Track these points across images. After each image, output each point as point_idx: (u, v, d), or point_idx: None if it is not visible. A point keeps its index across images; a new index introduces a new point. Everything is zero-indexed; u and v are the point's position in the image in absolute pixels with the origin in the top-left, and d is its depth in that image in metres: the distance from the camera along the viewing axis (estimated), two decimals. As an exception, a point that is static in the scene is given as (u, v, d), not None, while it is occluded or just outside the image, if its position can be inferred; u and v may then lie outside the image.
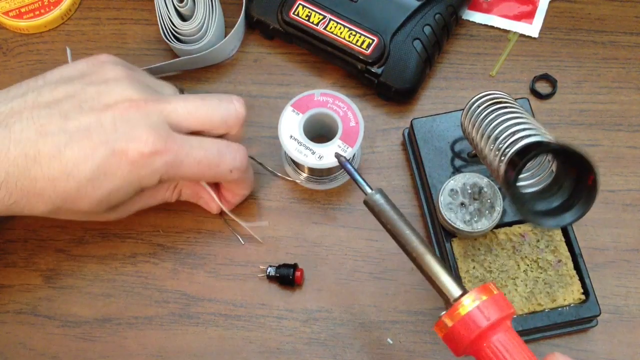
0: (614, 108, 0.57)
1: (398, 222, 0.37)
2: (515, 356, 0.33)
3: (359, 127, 0.50)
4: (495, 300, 0.34)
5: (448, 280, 0.35)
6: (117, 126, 0.43)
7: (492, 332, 0.33)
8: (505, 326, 0.34)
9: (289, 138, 0.50)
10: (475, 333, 0.33)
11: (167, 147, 0.44)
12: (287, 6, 0.56)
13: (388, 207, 0.37)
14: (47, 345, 0.51)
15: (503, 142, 0.42)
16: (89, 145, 0.42)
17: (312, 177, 0.54)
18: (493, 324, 0.33)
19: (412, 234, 0.37)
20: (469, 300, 0.34)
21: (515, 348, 0.33)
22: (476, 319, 0.33)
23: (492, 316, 0.33)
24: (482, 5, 0.60)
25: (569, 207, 0.40)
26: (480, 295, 0.34)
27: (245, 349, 0.51)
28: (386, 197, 0.38)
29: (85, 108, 0.43)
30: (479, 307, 0.33)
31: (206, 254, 0.53)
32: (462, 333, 0.33)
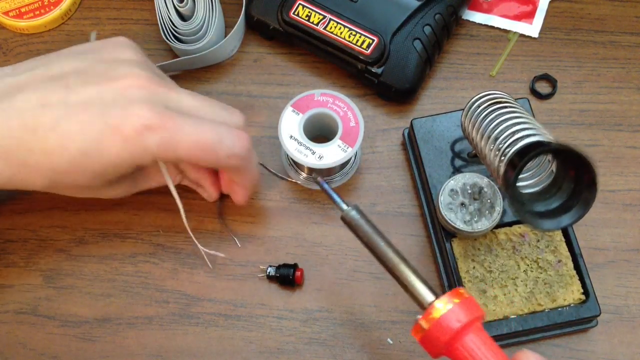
0: (614, 108, 0.57)
1: (373, 235, 0.40)
2: (487, 354, 0.35)
3: (359, 127, 0.50)
4: (465, 303, 0.36)
5: (421, 287, 0.37)
6: (116, 101, 0.42)
7: (464, 332, 0.35)
8: (477, 327, 0.36)
9: (289, 138, 0.50)
10: (449, 334, 0.35)
11: (161, 123, 0.42)
12: (287, 6, 0.56)
13: (363, 222, 0.40)
14: (47, 345, 0.52)
15: (503, 142, 0.42)
16: (85, 119, 0.42)
17: (312, 177, 0.54)
18: (465, 325, 0.35)
19: (386, 246, 0.39)
20: (442, 304, 0.36)
21: (487, 347, 0.35)
22: (449, 321, 0.35)
23: (464, 318, 0.35)
24: (482, 5, 0.60)
25: (568, 209, 0.40)
26: (451, 299, 0.36)
27: (245, 349, 0.51)
28: (361, 213, 0.40)
29: (89, 82, 0.43)
30: (451, 310, 0.35)
31: (206, 254, 0.53)
32: (437, 335, 0.35)
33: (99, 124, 0.42)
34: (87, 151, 0.42)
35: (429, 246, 0.53)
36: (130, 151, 0.43)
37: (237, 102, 0.58)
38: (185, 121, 0.44)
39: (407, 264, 0.39)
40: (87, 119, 0.42)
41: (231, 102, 0.58)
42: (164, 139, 0.43)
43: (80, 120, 0.42)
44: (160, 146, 0.43)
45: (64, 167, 0.43)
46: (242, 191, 0.51)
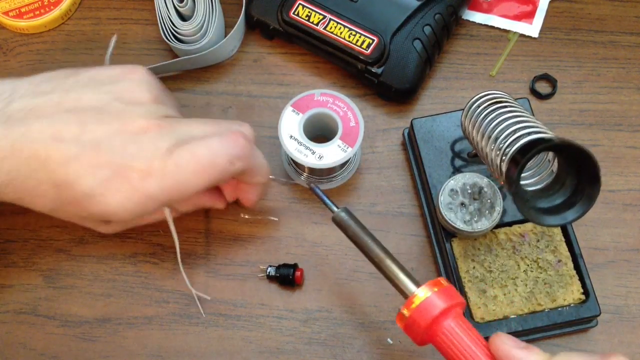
0: (614, 108, 0.57)
1: (361, 234, 0.43)
2: (465, 338, 0.37)
3: (359, 127, 0.50)
4: (445, 291, 0.38)
5: (404, 278, 0.40)
6: (125, 147, 0.43)
7: (443, 318, 0.38)
8: (456, 313, 0.38)
9: (289, 138, 0.50)
10: (429, 319, 0.37)
11: (163, 170, 0.43)
12: (287, 6, 0.56)
13: (352, 222, 0.44)
14: (47, 345, 0.52)
15: (504, 142, 0.42)
16: (95, 162, 0.42)
17: (312, 177, 0.54)
18: (444, 311, 0.37)
19: (373, 243, 0.42)
20: (423, 292, 0.38)
21: (465, 332, 0.37)
22: (429, 307, 0.37)
23: (442, 304, 0.37)
24: (482, 5, 0.60)
25: (571, 205, 0.40)
26: (432, 287, 0.38)
27: (245, 349, 0.51)
28: (350, 214, 0.44)
29: (103, 122, 0.43)
30: (431, 297, 0.38)
31: (206, 254, 0.54)
32: (418, 321, 0.38)
33: (107, 169, 0.42)
34: (93, 193, 0.43)
35: (429, 246, 0.53)
36: (137, 199, 0.43)
37: (237, 102, 0.58)
38: (177, 160, 0.43)
39: (392, 258, 0.42)
40: (97, 162, 0.42)
41: (231, 102, 0.58)
42: (165, 187, 0.43)
43: (90, 162, 0.42)
44: (164, 193, 0.43)
45: (69, 200, 0.43)
46: (253, 191, 0.50)
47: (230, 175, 0.46)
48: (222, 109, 0.58)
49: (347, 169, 0.54)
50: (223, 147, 0.44)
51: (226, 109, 0.58)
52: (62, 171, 0.42)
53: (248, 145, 0.46)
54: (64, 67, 0.59)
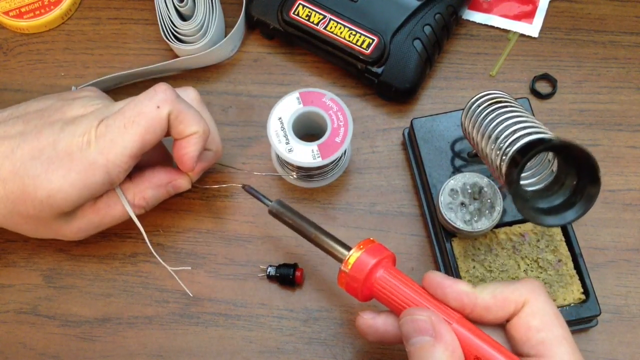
0: (614, 108, 0.57)
1: (296, 218, 0.47)
2: (398, 284, 0.41)
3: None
4: (373, 248, 0.43)
5: (338, 246, 0.45)
6: (64, 129, 0.45)
7: (376, 269, 0.42)
8: (387, 264, 0.43)
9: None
10: (364, 273, 0.42)
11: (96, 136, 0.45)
12: (287, 6, 0.56)
13: (286, 210, 0.48)
14: (48, 345, 0.52)
15: (504, 141, 0.42)
16: (37, 146, 0.45)
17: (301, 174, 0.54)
18: (376, 264, 0.42)
19: (307, 224, 0.47)
20: (355, 253, 0.43)
21: (396, 277, 0.42)
22: (362, 263, 0.42)
23: (373, 259, 0.42)
24: (482, 5, 0.60)
25: (571, 205, 0.40)
26: (362, 247, 0.43)
27: (246, 349, 0.51)
28: (284, 204, 0.48)
29: (45, 116, 0.47)
30: (362, 255, 0.42)
31: (206, 254, 0.54)
32: (356, 277, 0.42)
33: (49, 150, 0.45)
34: (36, 174, 0.45)
35: (429, 246, 0.53)
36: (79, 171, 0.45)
37: (237, 102, 0.58)
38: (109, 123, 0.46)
39: (326, 233, 0.46)
40: (38, 147, 0.45)
41: (231, 102, 0.58)
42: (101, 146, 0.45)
43: (31, 148, 0.45)
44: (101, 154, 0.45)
45: (15, 194, 0.45)
46: (192, 145, 0.48)
47: (162, 123, 0.46)
48: (222, 108, 0.58)
49: (337, 168, 0.54)
50: (146, 96, 0.46)
51: (226, 109, 0.58)
52: (7, 163, 0.45)
53: (170, 90, 0.47)
54: (64, 67, 0.59)
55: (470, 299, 0.39)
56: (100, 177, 0.45)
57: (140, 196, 0.49)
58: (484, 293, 0.40)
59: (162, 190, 0.50)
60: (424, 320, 0.39)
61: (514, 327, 0.39)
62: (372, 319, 0.43)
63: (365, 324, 0.43)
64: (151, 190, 0.49)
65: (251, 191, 0.50)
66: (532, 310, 0.39)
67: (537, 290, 0.40)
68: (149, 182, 0.50)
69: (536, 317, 0.39)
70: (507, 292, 0.39)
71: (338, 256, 0.44)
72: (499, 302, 0.39)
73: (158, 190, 0.50)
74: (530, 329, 0.39)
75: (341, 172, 0.55)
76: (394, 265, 0.44)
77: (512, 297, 0.39)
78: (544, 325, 0.39)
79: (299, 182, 0.54)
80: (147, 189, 0.49)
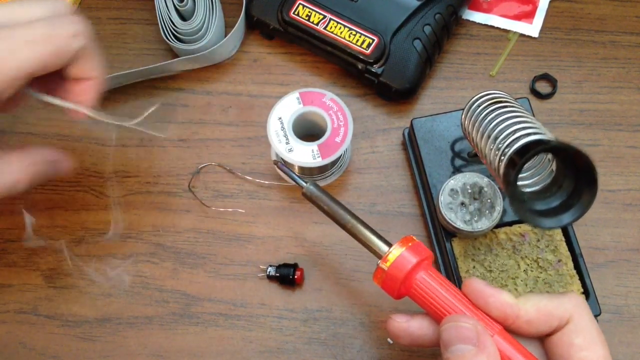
0: (614, 108, 0.57)
1: (332, 204, 0.44)
2: (437, 286, 0.40)
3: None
4: (415, 247, 0.41)
5: (377, 241, 0.43)
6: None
7: (416, 270, 0.40)
8: (427, 265, 0.41)
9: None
10: (404, 272, 0.40)
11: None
12: (287, 6, 0.56)
13: (322, 194, 0.45)
14: (47, 345, 0.52)
15: (503, 142, 0.42)
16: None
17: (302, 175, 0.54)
18: (416, 264, 0.40)
19: (344, 211, 0.44)
20: (396, 250, 0.41)
21: (437, 281, 0.40)
22: (403, 262, 0.40)
23: (415, 258, 0.40)
24: (482, 5, 0.60)
25: (568, 208, 0.40)
26: (403, 245, 0.41)
27: (246, 349, 0.51)
28: (318, 187, 0.45)
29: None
30: (403, 253, 0.40)
31: (206, 254, 0.54)
32: (395, 275, 0.40)
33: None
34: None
35: (429, 246, 0.53)
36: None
37: (237, 102, 0.58)
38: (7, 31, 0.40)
39: (364, 224, 0.43)
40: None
41: (231, 102, 0.58)
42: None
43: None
44: None
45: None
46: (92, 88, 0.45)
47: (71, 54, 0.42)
48: (222, 108, 0.58)
49: (338, 168, 0.54)
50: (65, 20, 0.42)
51: (226, 109, 0.58)
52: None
53: (88, 23, 0.43)
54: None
55: (513, 311, 0.38)
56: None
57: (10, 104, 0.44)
58: (527, 305, 0.38)
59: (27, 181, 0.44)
60: (469, 328, 0.37)
61: (556, 343, 0.38)
62: (406, 322, 0.41)
63: (399, 327, 0.41)
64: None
65: (285, 169, 0.47)
66: (576, 327, 0.38)
67: (581, 306, 0.38)
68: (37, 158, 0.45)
69: (579, 335, 0.38)
70: (551, 306, 0.38)
71: (376, 251, 0.42)
72: (542, 317, 0.38)
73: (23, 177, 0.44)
74: (572, 346, 0.37)
75: (341, 172, 0.55)
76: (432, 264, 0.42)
77: (557, 312, 0.38)
78: (587, 344, 0.37)
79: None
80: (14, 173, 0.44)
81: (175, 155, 0.56)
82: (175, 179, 0.55)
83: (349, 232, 0.44)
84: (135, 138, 0.57)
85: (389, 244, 0.42)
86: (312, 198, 0.45)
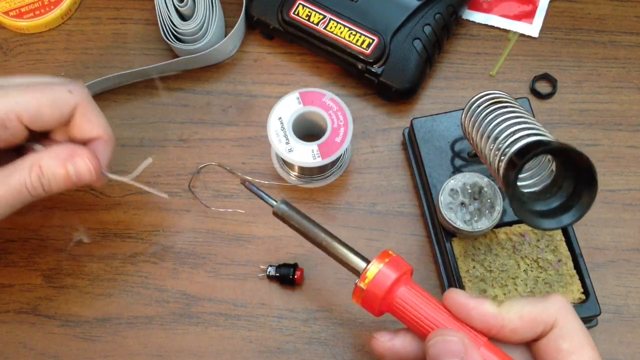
0: (614, 108, 0.57)
1: (304, 222, 0.43)
2: (420, 300, 0.39)
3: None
4: (393, 261, 0.40)
5: (354, 257, 0.42)
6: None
7: (397, 286, 0.40)
8: (407, 280, 0.40)
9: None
10: (384, 290, 0.39)
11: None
12: (287, 6, 0.56)
13: (293, 212, 0.43)
14: (48, 345, 0.52)
15: (503, 142, 0.42)
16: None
17: (302, 175, 0.54)
18: (396, 280, 0.39)
19: (318, 229, 0.43)
20: (374, 267, 0.40)
21: (418, 296, 0.39)
22: (382, 279, 0.39)
23: (394, 274, 0.39)
24: (482, 5, 0.60)
25: (568, 209, 0.40)
26: (381, 261, 0.40)
27: (246, 349, 0.51)
28: (290, 205, 0.44)
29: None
30: (382, 269, 0.39)
31: (206, 254, 0.54)
32: (374, 293, 0.39)
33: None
34: None
35: (429, 246, 0.53)
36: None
37: (237, 101, 0.58)
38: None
39: (339, 241, 0.42)
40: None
41: (231, 101, 0.58)
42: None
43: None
44: None
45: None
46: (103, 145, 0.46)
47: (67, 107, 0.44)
48: (222, 108, 0.58)
49: (338, 168, 0.54)
50: (60, 80, 0.44)
51: (226, 109, 0.58)
52: None
53: (85, 87, 0.45)
54: (64, 66, 0.59)
55: (497, 321, 0.37)
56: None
57: (37, 165, 0.43)
58: (510, 313, 0.37)
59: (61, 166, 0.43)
60: (456, 342, 0.37)
61: (543, 349, 0.37)
62: (390, 340, 0.40)
63: (382, 346, 0.40)
64: (49, 160, 0.43)
65: (252, 189, 0.45)
66: (562, 332, 0.37)
67: (566, 309, 0.38)
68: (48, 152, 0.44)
69: (566, 340, 0.37)
70: (536, 312, 0.37)
71: (354, 268, 0.41)
72: (527, 324, 0.37)
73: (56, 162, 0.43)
74: (560, 352, 0.37)
75: (341, 172, 0.55)
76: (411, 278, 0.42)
77: (541, 317, 0.37)
78: (575, 348, 0.37)
79: (299, 182, 0.54)
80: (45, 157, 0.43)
81: (175, 155, 0.56)
82: (175, 179, 0.55)
83: (323, 249, 0.43)
84: (136, 138, 0.57)
85: (366, 260, 0.41)
86: (284, 217, 0.44)
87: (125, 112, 0.58)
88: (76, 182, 0.44)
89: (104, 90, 0.58)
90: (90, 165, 0.44)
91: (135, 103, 0.58)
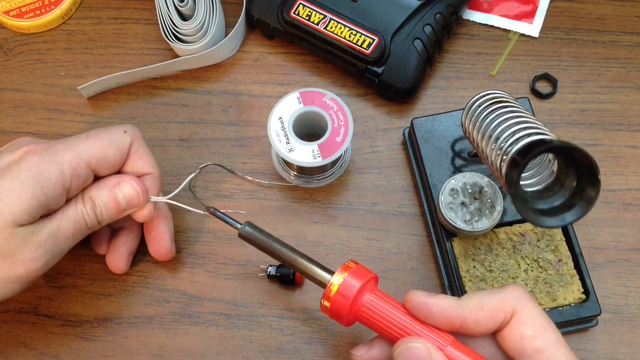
0: (614, 108, 0.57)
1: (269, 241, 0.45)
2: (385, 306, 0.40)
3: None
4: (356, 272, 0.41)
5: (318, 271, 0.43)
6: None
7: (361, 295, 0.41)
8: (371, 287, 0.41)
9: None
10: (350, 299, 0.40)
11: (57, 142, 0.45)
12: (287, 6, 0.56)
13: (258, 233, 0.45)
14: (48, 345, 0.52)
15: (504, 142, 0.42)
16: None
17: (301, 175, 0.54)
18: (360, 289, 0.40)
19: (284, 247, 0.45)
20: (337, 279, 0.41)
21: (383, 300, 0.41)
22: (347, 289, 0.40)
23: (358, 283, 0.40)
24: (483, 4, 0.60)
25: (570, 207, 0.40)
26: (344, 272, 0.41)
27: (246, 348, 0.51)
28: (254, 226, 0.46)
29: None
30: (345, 280, 0.41)
31: (207, 254, 0.54)
32: (341, 304, 0.41)
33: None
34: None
35: (430, 246, 0.53)
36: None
37: (238, 101, 0.58)
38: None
39: (304, 256, 0.44)
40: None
41: (231, 101, 0.58)
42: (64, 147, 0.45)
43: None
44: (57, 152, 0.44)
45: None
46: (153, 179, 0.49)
47: (125, 146, 0.47)
48: (223, 108, 0.58)
49: (338, 168, 0.54)
50: (113, 125, 0.48)
51: (226, 109, 0.58)
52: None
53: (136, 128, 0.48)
54: (65, 66, 0.59)
55: (458, 314, 0.38)
56: (53, 175, 0.43)
57: (87, 196, 0.45)
58: (470, 304, 0.39)
59: (110, 193, 0.46)
60: (420, 348, 0.38)
61: (507, 338, 0.38)
62: (367, 352, 0.41)
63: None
64: (98, 191, 0.46)
65: (218, 214, 0.47)
66: (523, 319, 0.38)
67: (523, 296, 0.39)
68: (96, 184, 0.46)
69: (528, 326, 0.38)
70: (495, 302, 0.38)
71: (321, 282, 0.43)
72: (487, 314, 0.38)
73: (105, 191, 0.46)
74: (524, 339, 0.38)
75: (341, 172, 0.55)
76: (377, 285, 0.43)
77: (500, 306, 0.38)
78: (537, 332, 0.38)
79: (299, 182, 0.54)
80: (94, 189, 0.46)
81: (175, 155, 0.56)
82: (175, 178, 0.55)
83: (291, 266, 0.44)
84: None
85: (330, 272, 0.42)
86: (249, 238, 0.45)
87: (125, 112, 0.58)
88: (125, 207, 0.47)
89: (104, 90, 0.58)
90: (137, 189, 0.47)
91: (135, 103, 0.58)
